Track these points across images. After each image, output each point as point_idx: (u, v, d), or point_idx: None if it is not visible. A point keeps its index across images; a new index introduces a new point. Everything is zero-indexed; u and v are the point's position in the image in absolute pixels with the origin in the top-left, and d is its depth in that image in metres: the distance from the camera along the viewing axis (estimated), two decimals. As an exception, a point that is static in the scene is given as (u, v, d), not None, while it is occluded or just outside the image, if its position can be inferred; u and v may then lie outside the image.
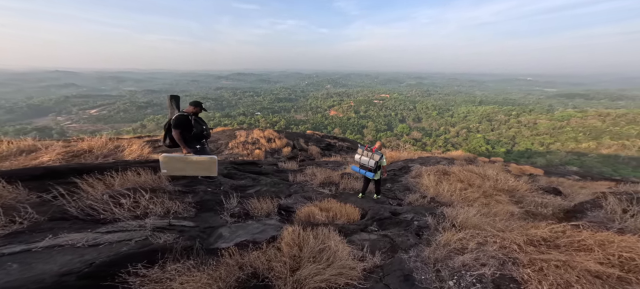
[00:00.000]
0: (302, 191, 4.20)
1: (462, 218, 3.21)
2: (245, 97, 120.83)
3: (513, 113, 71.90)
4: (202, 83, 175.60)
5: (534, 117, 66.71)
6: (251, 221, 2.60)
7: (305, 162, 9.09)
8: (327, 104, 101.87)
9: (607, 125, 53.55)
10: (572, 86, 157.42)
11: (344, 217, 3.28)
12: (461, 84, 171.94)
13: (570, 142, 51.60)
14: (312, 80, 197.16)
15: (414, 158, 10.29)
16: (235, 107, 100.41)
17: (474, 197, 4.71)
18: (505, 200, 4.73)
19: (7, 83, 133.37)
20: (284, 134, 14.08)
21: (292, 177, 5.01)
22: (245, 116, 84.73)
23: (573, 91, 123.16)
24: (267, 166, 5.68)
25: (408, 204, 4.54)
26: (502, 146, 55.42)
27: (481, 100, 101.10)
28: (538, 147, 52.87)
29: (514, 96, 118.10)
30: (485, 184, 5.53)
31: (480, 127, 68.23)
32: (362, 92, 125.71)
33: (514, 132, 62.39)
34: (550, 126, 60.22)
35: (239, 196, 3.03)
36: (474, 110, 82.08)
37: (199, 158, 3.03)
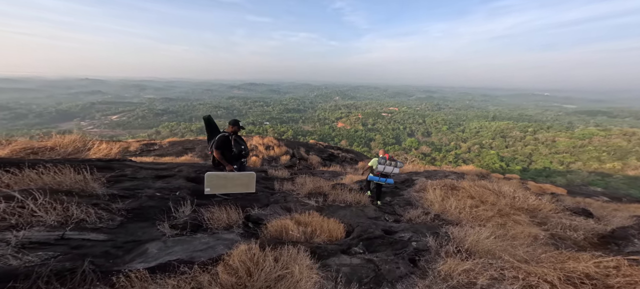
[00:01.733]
0: (284, 200, 3.71)
1: (472, 240, 2.57)
2: (256, 107, 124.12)
3: (529, 130, 68.57)
4: (216, 92, 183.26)
5: (552, 135, 63.21)
6: (202, 234, 2.14)
7: (301, 171, 8.62)
8: (335, 115, 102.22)
9: (632, 145, 49.65)
10: (593, 103, 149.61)
11: (325, 234, 2.73)
12: (473, 98, 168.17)
13: (593, 161, 48.02)
14: (321, 91, 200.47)
15: (420, 171, 9.54)
16: (245, 117, 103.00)
17: (487, 216, 4.00)
18: (526, 221, 3.98)
19: (40, 89, 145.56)
20: (284, 142, 13.77)
21: (278, 186, 4.54)
22: (254, 125, 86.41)
23: (594, 108, 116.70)
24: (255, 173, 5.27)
25: (407, 220, 3.91)
26: (517, 163, 52.35)
27: (494, 115, 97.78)
28: (557, 166, 49.49)
29: (530, 111, 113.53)
30: (501, 201, 4.78)
31: (494, 143, 65.29)
32: (371, 104, 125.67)
33: (530, 149, 59.11)
34: (571, 144, 56.65)
35: (196, 203, 2.59)
36: (487, 125, 79.20)
37: (238, 175, 3.12)
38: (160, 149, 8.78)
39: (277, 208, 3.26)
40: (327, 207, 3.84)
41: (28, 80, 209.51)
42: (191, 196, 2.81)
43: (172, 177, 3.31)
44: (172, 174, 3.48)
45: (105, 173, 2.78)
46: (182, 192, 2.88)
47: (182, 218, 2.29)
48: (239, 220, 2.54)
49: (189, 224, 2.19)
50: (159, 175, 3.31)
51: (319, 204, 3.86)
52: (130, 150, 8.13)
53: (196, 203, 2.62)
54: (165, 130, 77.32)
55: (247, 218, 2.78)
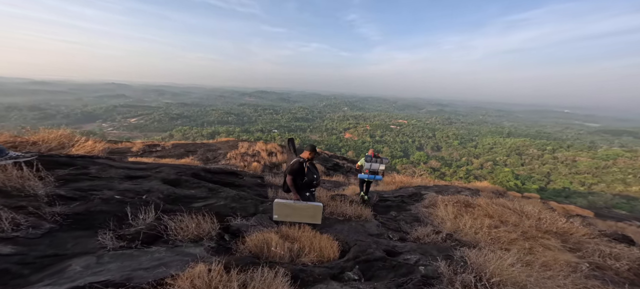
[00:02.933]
0: (274, 209, 3.35)
1: (494, 267, 2.08)
2: (265, 115, 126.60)
3: (548, 148, 64.93)
4: (228, 99, 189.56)
5: (573, 154, 59.44)
6: (160, 247, 1.81)
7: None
8: (343, 126, 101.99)
9: None
10: (618, 122, 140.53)
11: (314, 253, 2.33)
12: (487, 113, 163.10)
13: (618, 184, 44.28)
14: (330, 101, 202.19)
15: (429, 185, 8.89)
16: (255, 123, 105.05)
17: (510, 238, 3.42)
18: (556, 246, 3.37)
19: (70, 92, 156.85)
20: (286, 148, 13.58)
21: (272, 194, 4.19)
22: (263, 132, 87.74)
23: (620, 128, 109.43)
24: (249, 178, 4.97)
25: (415, 239, 3.41)
26: (534, 182, 49.18)
27: (510, 132, 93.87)
28: (578, 187, 45.98)
29: (549, 129, 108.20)
30: (525, 223, 4.17)
31: (509, 160, 62.14)
32: (379, 116, 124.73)
33: (548, 168, 55.65)
34: (593, 164, 52.89)
35: (162, 209, 2.26)
36: (502, 142, 75.91)
37: (306, 205, 3.03)
38: (163, 150, 8.78)
39: (264, 219, 2.90)
40: (323, 220, 3.43)
41: (60, 83, 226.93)
42: (163, 201, 2.52)
43: (145, 179, 3.04)
44: (148, 175, 3.21)
45: (64, 170, 2.55)
46: (152, 196, 2.57)
47: (138, 226, 1.96)
48: (212, 231, 2.19)
49: (142, 234, 1.85)
50: (130, 175, 3.05)
51: (314, 215, 3.46)
52: (133, 151, 8.15)
53: (164, 209, 2.31)
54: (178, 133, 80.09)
55: (225, 228, 2.43)
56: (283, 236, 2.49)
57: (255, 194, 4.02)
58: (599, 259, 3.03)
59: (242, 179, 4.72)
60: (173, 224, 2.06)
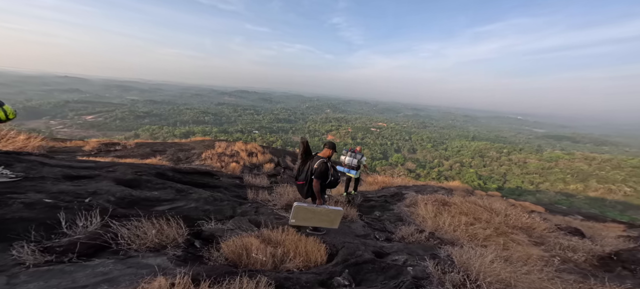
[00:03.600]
0: (255, 212, 3.08)
1: (479, 265, 2.12)
2: (246, 115, 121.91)
3: (504, 150, 73.03)
4: (205, 97, 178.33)
5: (524, 156, 67.66)
6: (107, 259, 1.46)
7: (284, 180, 7.95)
8: (325, 128, 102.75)
9: (593, 169, 54.28)
10: (559, 128, 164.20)
11: (301, 258, 2.15)
12: (456, 118, 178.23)
13: (559, 182, 51.64)
14: (312, 103, 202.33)
15: (409, 185, 9.25)
16: (234, 124, 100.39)
17: (485, 234, 3.63)
18: (524, 241, 3.65)
19: (11, 84, 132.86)
20: (269, 150, 13.06)
21: (253, 195, 3.89)
22: (242, 133, 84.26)
23: (561, 133, 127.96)
24: (226, 179, 4.58)
25: (400, 239, 3.41)
26: (493, 182, 54.91)
27: (474, 135, 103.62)
28: (528, 186, 52.53)
29: (505, 133, 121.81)
30: (495, 219, 4.48)
31: (473, 162, 68.44)
32: (360, 119, 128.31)
33: (505, 169, 62.52)
34: (540, 166, 60.79)
35: (110, 214, 1.85)
36: (467, 145, 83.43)
37: (327, 210, 2.79)
38: (124, 150, 7.73)
39: (243, 222, 2.62)
40: (308, 221, 3.25)
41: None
42: (114, 205, 2.11)
43: (92, 179, 2.54)
44: (96, 174, 2.69)
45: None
46: (99, 199, 2.13)
47: (75, 235, 1.57)
48: (178, 237, 1.87)
49: (80, 245, 1.47)
50: (70, 175, 2.51)
51: (299, 217, 3.26)
52: (85, 150, 7.03)
53: (115, 214, 1.91)
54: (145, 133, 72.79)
55: (196, 234, 2.12)
56: (265, 240, 2.25)
57: (234, 195, 3.68)
58: (560, 252, 3.33)
59: (219, 179, 4.32)
60: (126, 231, 1.69)
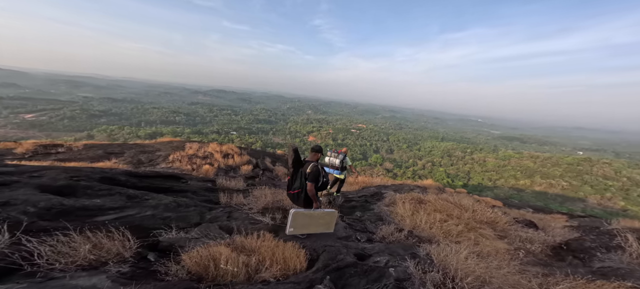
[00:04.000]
0: (227, 218, 2.79)
1: (456, 263, 2.16)
2: (222, 115, 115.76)
3: (468, 150, 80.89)
4: (176, 96, 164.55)
5: (483, 156, 75.71)
6: (15, 283, 1.11)
7: (263, 182, 7.58)
8: (307, 129, 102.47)
9: (537, 166, 63.00)
10: (511, 130, 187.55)
11: (278, 265, 1.95)
12: (427, 120, 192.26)
13: (511, 179, 58.85)
14: (293, 104, 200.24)
15: (387, 185, 9.56)
16: (209, 124, 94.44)
17: (457, 230, 3.82)
18: (491, 234, 3.93)
19: None
20: (247, 151, 12.43)
21: (226, 199, 3.55)
22: (219, 133, 79.71)
23: (512, 135, 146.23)
24: (196, 182, 4.14)
25: (381, 239, 3.40)
26: (459, 179, 60.37)
27: (443, 136, 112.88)
28: (487, 183, 58.88)
29: (468, 134, 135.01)
30: (464, 215, 4.79)
31: (442, 161, 74.47)
32: (341, 120, 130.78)
33: (468, 167, 69.19)
34: (496, 164, 68.57)
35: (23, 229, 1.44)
36: (438, 145, 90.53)
37: (322, 213, 2.76)
38: (68, 152, 6.55)
39: (212, 229, 2.32)
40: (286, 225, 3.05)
41: None
42: (36, 216, 1.67)
43: (7, 186, 2.02)
44: (13, 181, 2.12)
45: None
46: (12, 210, 1.66)
47: None
48: (125, 251, 1.54)
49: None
50: None
51: (276, 222, 3.04)
52: (17, 152, 5.78)
53: (35, 228, 1.51)
54: (101, 134, 64.28)
55: (151, 246, 1.79)
56: (236, 249, 2.01)
57: (203, 200, 3.31)
58: (520, 244, 3.65)
59: (186, 183, 3.87)
60: (47, 248, 1.31)
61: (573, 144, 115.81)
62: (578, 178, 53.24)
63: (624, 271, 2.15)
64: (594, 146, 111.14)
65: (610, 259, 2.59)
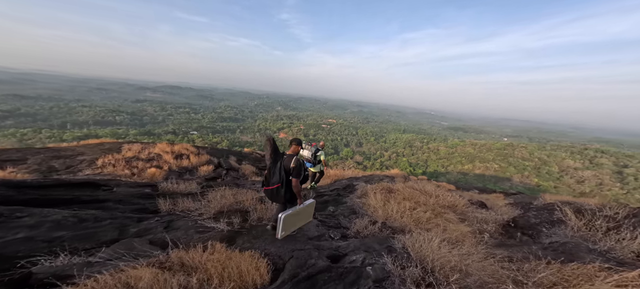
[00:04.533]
0: (164, 229, 2.15)
1: (431, 254, 2.05)
2: (179, 114, 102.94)
3: (425, 141, 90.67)
4: (115, 93, 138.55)
5: (437, 145, 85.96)
6: None
7: (227, 183, 6.72)
8: (277, 126, 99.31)
9: (476, 152, 74.65)
10: (456, 121, 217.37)
11: (231, 283, 1.48)
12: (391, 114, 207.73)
13: (458, 164, 68.50)
14: (262, 101, 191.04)
15: (358, 176, 9.68)
16: (162, 124, 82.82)
17: (425, 217, 3.91)
18: (454, 218, 4.16)
19: None
20: (207, 150, 11.05)
21: (168, 206, 2.82)
22: (175, 134, 70.70)
23: (457, 125, 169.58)
24: (126, 189, 3.23)
25: (355, 234, 3.20)
26: (419, 167, 67.38)
27: (404, 129, 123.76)
28: (441, 169, 67.28)
29: (424, 126, 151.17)
30: (430, 201, 5.02)
31: (405, 151, 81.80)
32: (312, 116, 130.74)
33: (426, 156, 77.71)
34: (447, 152, 78.69)
35: None
36: (400, 137, 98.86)
37: (304, 207, 2.60)
38: None
39: (135, 244, 1.70)
40: (248, 231, 2.55)
41: None
42: None
43: None
44: None
45: None
46: None
47: None
48: None
49: None
50: None
51: (234, 227, 2.51)
52: None
53: None
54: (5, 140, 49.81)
55: (17, 282, 1.12)
56: (171, 268, 1.46)
57: (134, 209, 2.54)
58: (478, 225, 3.92)
59: (111, 191, 2.96)
60: None
61: (500, 132, 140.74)
62: (505, 161, 64.89)
63: (570, 245, 2.38)
64: (514, 133, 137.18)
65: (556, 234, 2.85)
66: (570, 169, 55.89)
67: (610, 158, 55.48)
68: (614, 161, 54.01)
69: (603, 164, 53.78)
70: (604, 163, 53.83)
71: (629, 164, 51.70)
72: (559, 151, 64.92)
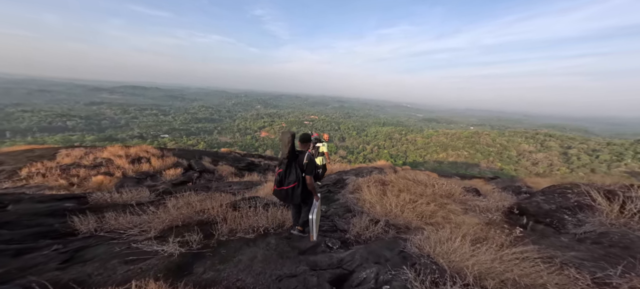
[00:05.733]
0: (67, 262, 1.32)
1: (464, 260, 1.56)
2: (144, 116, 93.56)
3: (403, 132, 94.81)
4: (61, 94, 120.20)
5: (414, 136, 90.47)
6: None
7: (198, 185, 5.73)
8: (258, 125, 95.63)
9: (448, 141, 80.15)
10: (430, 113, 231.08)
11: None
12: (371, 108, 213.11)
13: (434, 153, 72.96)
14: (240, 99, 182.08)
15: (347, 170, 9.22)
16: (125, 128, 74.36)
17: (429, 210, 3.49)
18: (458, 209, 3.82)
19: None
20: (174, 151, 9.68)
21: (91, 225, 1.93)
22: (143, 138, 64.07)
23: (431, 117, 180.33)
24: (29, 205, 2.23)
25: (356, 237, 2.63)
26: (400, 158, 70.34)
27: (384, 122, 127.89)
28: (419, 159, 71.05)
29: (402, 119, 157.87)
30: (426, 191, 4.68)
31: (386, 144, 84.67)
32: (293, 113, 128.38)
33: (405, 147, 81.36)
34: (423, 142, 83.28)
35: None
36: (381, 130, 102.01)
37: (319, 204, 2.58)
38: None
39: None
40: (213, 251, 1.81)
41: None
42: None
43: None
44: None
45: None
46: None
47: None
48: None
49: None
50: None
51: (191, 248, 1.75)
52: None
53: None
54: None
55: None
56: None
57: (26, 234, 1.63)
58: (483, 214, 3.61)
59: (4, 210, 1.97)
60: None
61: (466, 122, 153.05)
62: (473, 148, 70.63)
63: (615, 236, 1.91)
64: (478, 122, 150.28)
65: (587, 222, 2.32)
66: (526, 153, 62.66)
67: (557, 141, 63.45)
68: (559, 144, 61.85)
69: (551, 146, 61.28)
70: (552, 146, 61.36)
71: (571, 145, 59.62)
72: (516, 136, 72.44)
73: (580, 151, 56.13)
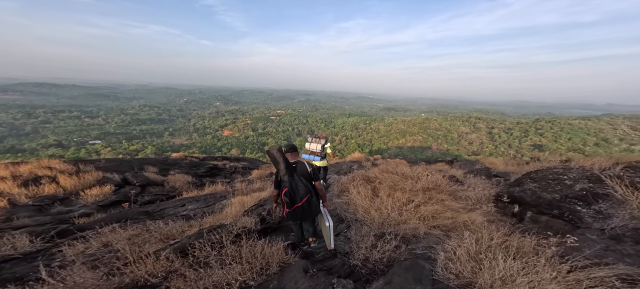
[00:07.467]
0: None
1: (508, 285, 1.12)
2: (61, 120, 74.40)
3: (367, 122, 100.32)
4: None
5: (377, 125, 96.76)
6: None
7: (145, 201, 4.28)
8: (219, 123, 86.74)
9: (406, 127, 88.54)
10: (389, 102, 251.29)
11: None
12: (336, 100, 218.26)
13: (395, 140, 79.65)
14: (194, 96, 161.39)
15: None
16: (34, 136, 57.68)
17: (432, 210, 3.16)
18: (456, 205, 3.62)
19: None
20: (98, 163, 7.42)
21: None
22: (63, 147, 50.84)
23: (390, 106, 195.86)
24: None
25: (363, 263, 2.06)
26: (366, 147, 74.45)
27: (349, 113, 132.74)
28: (383, 146, 76.60)
29: (365, 109, 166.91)
30: (416, 186, 4.45)
31: (352, 134, 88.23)
32: (258, 109, 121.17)
33: (370, 136, 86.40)
34: (385, 130, 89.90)
35: None
36: (347, 121, 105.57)
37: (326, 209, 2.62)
38: None
39: None
40: None
41: None
42: None
43: None
44: None
45: None
46: None
47: None
48: None
49: None
50: None
51: None
52: None
53: None
54: None
55: None
56: None
57: None
58: (477, 206, 3.49)
59: None
60: None
61: (418, 109, 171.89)
62: (425, 133, 79.61)
63: None
64: (428, 109, 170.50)
65: (614, 214, 1.97)
66: (464, 134, 73.96)
67: (484, 123, 76.78)
68: (485, 125, 75.01)
69: (481, 128, 73.82)
70: (482, 127, 73.97)
71: (494, 126, 72.96)
72: (456, 120, 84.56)
73: (500, 130, 69.34)
